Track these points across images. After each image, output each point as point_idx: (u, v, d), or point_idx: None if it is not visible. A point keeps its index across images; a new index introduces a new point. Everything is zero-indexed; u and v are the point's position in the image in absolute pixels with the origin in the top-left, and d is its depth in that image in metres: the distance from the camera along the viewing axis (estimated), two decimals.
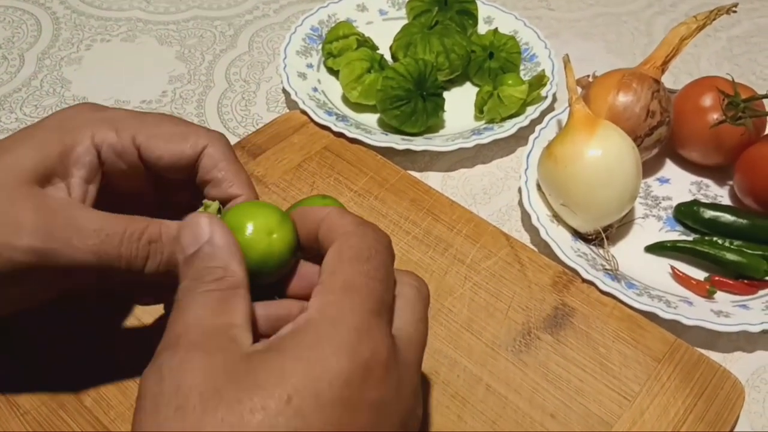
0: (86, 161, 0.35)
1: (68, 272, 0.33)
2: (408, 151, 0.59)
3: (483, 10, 0.71)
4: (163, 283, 0.34)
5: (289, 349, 0.27)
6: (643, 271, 0.52)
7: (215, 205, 0.35)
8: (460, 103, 0.64)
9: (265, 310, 0.32)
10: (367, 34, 0.66)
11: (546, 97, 0.62)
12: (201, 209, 0.35)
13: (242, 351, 0.28)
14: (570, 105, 0.53)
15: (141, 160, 0.37)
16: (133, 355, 0.34)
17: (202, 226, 0.31)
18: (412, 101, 0.58)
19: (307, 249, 0.34)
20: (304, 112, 0.60)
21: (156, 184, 0.39)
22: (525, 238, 0.55)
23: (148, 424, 0.26)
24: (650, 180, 0.59)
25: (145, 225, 0.34)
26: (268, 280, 0.34)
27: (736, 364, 0.47)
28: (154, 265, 0.34)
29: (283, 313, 0.33)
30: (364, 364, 0.27)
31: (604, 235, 0.51)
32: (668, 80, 0.66)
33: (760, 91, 0.56)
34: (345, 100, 0.64)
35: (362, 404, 0.26)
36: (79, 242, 0.32)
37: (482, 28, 0.70)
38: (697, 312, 0.47)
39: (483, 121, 0.62)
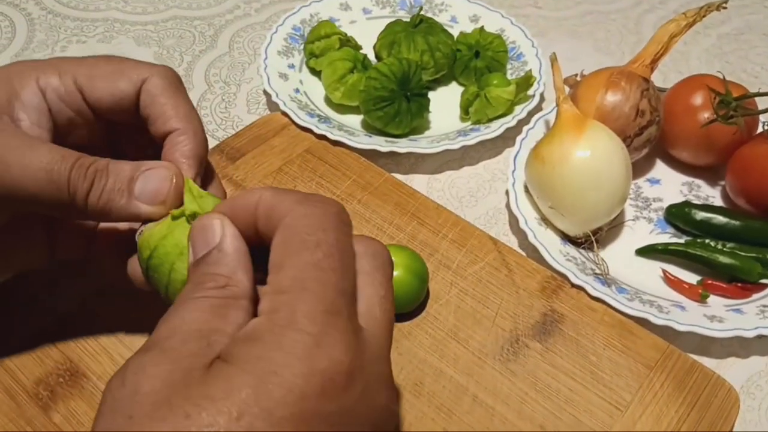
0: (34, 104, 0.35)
1: (15, 196, 0.33)
2: (392, 153, 0.57)
3: (469, 9, 0.70)
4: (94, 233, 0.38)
5: (239, 359, 0.24)
6: (634, 274, 0.50)
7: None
8: (445, 103, 0.63)
9: None
10: (350, 34, 0.64)
11: (533, 96, 0.61)
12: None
13: (211, 359, 0.25)
14: (557, 105, 0.52)
15: (87, 105, 0.36)
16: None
17: (214, 228, 0.29)
18: (396, 102, 0.57)
19: (252, 243, 0.29)
20: (285, 114, 0.58)
21: (109, 135, 0.39)
22: (513, 241, 0.53)
23: (101, 430, 0.24)
24: (640, 181, 0.58)
25: (94, 158, 0.33)
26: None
27: (731, 370, 0.46)
28: (96, 195, 0.33)
29: None
30: (321, 374, 0.24)
31: (593, 239, 0.50)
32: (658, 78, 0.65)
33: (751, 89, 0.54)
34: (328, 101, 0.62)
35: (321, 417, 0.24)
36: (33, 160, 0.32)
37: (468, 27, 0.69)
38: (690, 317, 0.46)
39: (469, 122, 0.61)
